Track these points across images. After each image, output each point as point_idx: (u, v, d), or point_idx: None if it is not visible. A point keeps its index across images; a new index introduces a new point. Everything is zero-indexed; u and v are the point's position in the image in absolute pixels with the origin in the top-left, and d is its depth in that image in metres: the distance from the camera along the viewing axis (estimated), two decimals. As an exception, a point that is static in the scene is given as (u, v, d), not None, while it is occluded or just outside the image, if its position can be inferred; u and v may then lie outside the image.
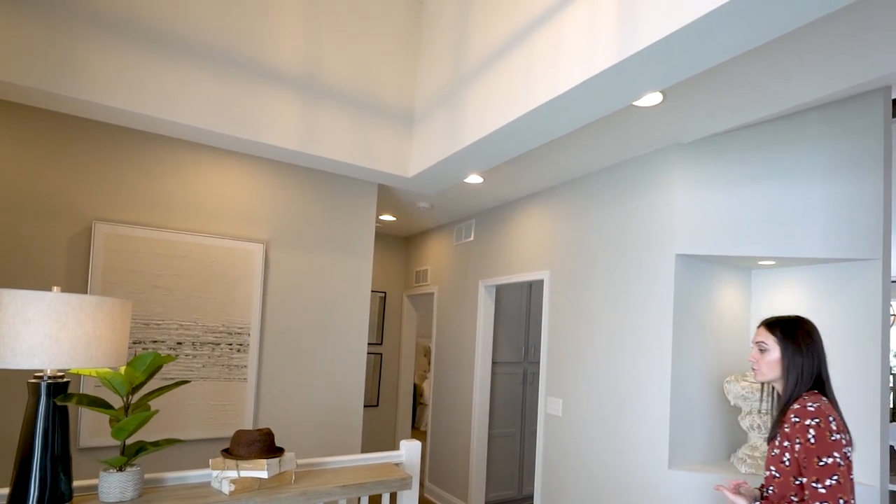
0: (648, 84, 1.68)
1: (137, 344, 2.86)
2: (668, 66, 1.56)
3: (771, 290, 3.02)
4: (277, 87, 2.34)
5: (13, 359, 1.60)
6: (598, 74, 1.61)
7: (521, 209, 4.04)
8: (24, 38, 1.86)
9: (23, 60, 1.86)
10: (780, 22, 1.33)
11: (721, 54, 1.51)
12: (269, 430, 1.99)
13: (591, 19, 1.67)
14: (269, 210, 3.18)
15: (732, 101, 2.29)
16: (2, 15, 1.82)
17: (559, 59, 1.78)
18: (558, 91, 1.76)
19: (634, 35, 1.51)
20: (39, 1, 1.87)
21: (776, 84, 2.12)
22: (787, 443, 1.64)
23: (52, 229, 2.59)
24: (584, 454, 3.23)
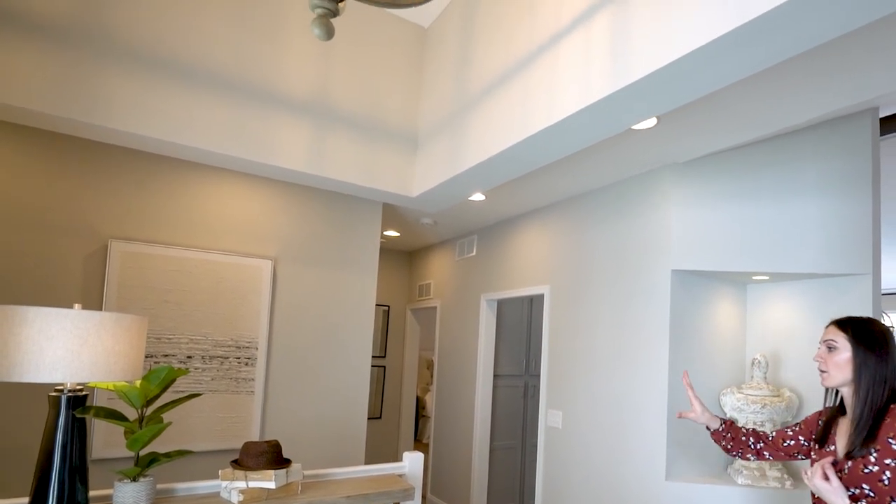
0: (641, 113, 1.76)
1: (150, 358, 2.93)
2: (659, 97, 1.64)
3: (766, 303, 3.08)
4: (287, 112, 2.43)
5: (37, 373, 1.67)
6: (593, 104, 1.69)
7: (522, 225, 4.12)
8: (50, 70, 1.96)
9: (49, 91, 1.96)
10: (772, 54, 1.38)
11: (712, 85, 1.58)
12: (277, 442, 2.05)
13: (586, 51, 1.75)
14: (277, 227, 3.27)
15: (725, 123, 2.37)
16: (31, 50, 1.92)
17: (555, 88, 1.87)
18: (554, 119, 1.84)
19: (627, 67, 1.59)
20: (64, 36, 1.97)
21: (767, 108, 2.20)
22: (889, 460, 1.46)
23: (70, 247, 2.68)
24: (584, 466, 3.27)
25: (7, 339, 1.67)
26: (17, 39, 1.90)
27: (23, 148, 2.56)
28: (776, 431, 1.91)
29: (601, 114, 1.77)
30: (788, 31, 1.27)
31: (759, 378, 2.82)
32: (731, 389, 2.83)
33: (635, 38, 1.57)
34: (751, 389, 2.78)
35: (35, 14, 1.92)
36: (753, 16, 1.22)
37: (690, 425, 2.85)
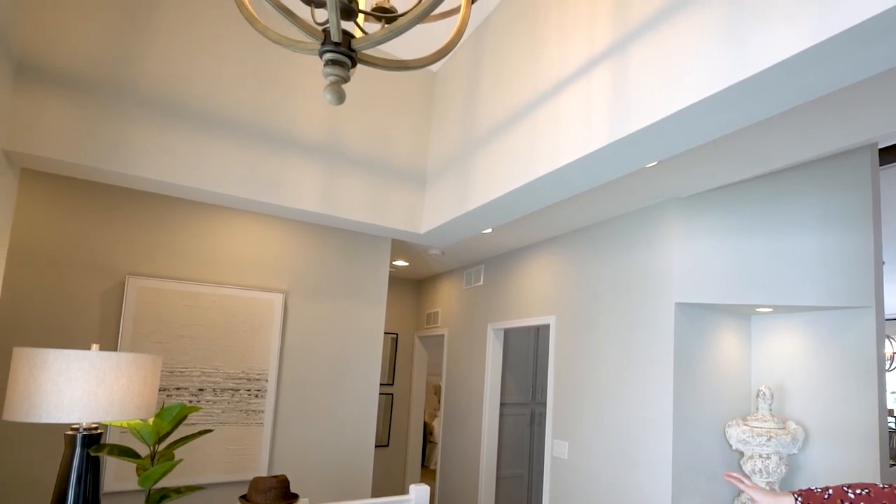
0: (639, 161, 1.81)
1: (162, 391, 2.95)
2: (656, 147, 1.69)
3: (770, 335, 3.07)
4: (299, 154, 2.50)
5: (56, 413, 1.71)
6: (592, 153, 1.75)
7: (528, 256, 4.15)
8: (72, 121, 2.05)
9: (71, 140, 2.04)
10: (769, 107, 1.42)
11: (708, 136, 1.62)
12: (285, 477, 2.07)
13: (587, 102, 1.81)
14: (288, 262, 3.32)
15: (726, 161, 2.41)
16: (54, 103, 2.01)
17: (558, 136, 1.92)
18: (557, 165, 1.89)
19: (625, 119, 1.64)
20: (85, 88, 2.06)
21: (768, 146, 2.23)
22: None
23: (89, 283, 2.74)
24: (590, 498, 3.23)
25: (28, 381, 1.71)
26: (42, 93, 1.99)
27: (45, 193, 2.65)
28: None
29: (600, 162, 1.82)
30: (787, 86, 1.31)
31: (764, 410, 2.79)
32: (736, 421, 2.81)
33: (633, 91, 1.62)
34: (756, 421, 2.76)
35: (59, 68, 2.02)
36: (752, 73, 1.26)
37: (695, 458, 2.83)
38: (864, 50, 1.14)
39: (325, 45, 0.99)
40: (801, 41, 1.14)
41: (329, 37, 0.99)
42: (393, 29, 0.96)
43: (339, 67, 1.00)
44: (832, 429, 2.74)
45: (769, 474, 2.69)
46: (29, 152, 1.96)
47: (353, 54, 1.00)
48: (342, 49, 0.98)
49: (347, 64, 1.01)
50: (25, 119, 1.96)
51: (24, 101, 1.96)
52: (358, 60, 1.02)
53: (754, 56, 1.26)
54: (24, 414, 1.70)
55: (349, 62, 1.01)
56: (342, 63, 1.00)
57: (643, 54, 1.59)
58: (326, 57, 1.00)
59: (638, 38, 1.61)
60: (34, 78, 1.98)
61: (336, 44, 0.98)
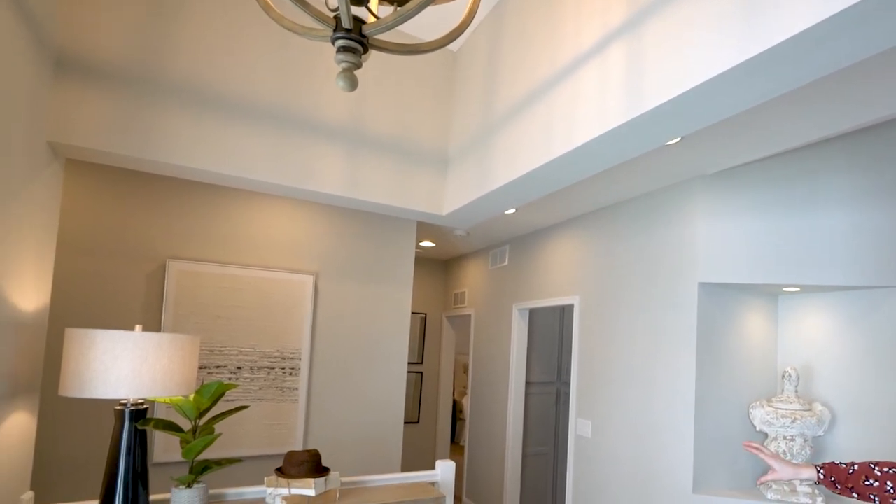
0: (657, 139, 1.76)
1: (203, 369, 3.07)
2: (673, 125, 1.64)
3: (798, 315, 2.98)
4: (325, 139, 2.53)
5: (104, 390, 1.81)
6: (609, 132, 1.71)
7: (553, 236, 4.11)
8: (110, 112, 2.12)
9: (109, 130, 2.12)
10: (792, 80, 1.36)
11: (729, 111, 1.57)
12: (317, 452, 2.14)
13: (603, 79, 1.77)
14: (318, 245, 3.40)
15: (752, 137, 2.33)
16: (94, 94, 2.08)
17: (575, 115, 1.89)
18: (574, 144, 1.86)
19: (641, 96, 1.60)
20: (122, 80, 2.13)
21: (795, 121, 2.14)
22: None
23: (133, 267, 2.87)
24: (612, 477, 3.23)
25: (79, 360, 1.81)
26: (80, 85, 2.07)
27: (89, 183, 2.77)
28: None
29: (617, 140, 1.78)
30: (810, 58, 1.25)
31: (789, 391, 2.73)
32: (760, 403, 2.75)
33: (649, 68, 1.58)
34: (781, 403, 2.70)
35: (95, 61, 2.08)
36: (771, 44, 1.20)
37: (717, 438, 2.79)
38: (892, 15, 1.07)
39: (337, 31, 1.00)
40: (826, 8, 1.09)
41: (340, 23, 0.99)
42: (402, 13, 0.96)
43: (350, 54, 1.00)
44: (860, 410, 2.66)
45: (793, 456, 2.64)
46: (70, 143, 2.04)
47: (364, 40, 1.00)
48: (353, 35, 0.99)
49: (359, 50, 1.01)
50: (66, 111, 2.04)
51: (64, 93, 2.04)
52: (370, 46, 1.02)
53: (774, 27, 1.20)
54: (76, 390, 1.80)
55: (361, 48, 1.01)
56: (354, 49, 1.01)
57: (659, 28, 1.54)
58: (338, 44, 1.00)
59: (654, 12, 1.56)
60: (72, 71, 2.05)
61: (347, 30, 0.98)
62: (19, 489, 2.01)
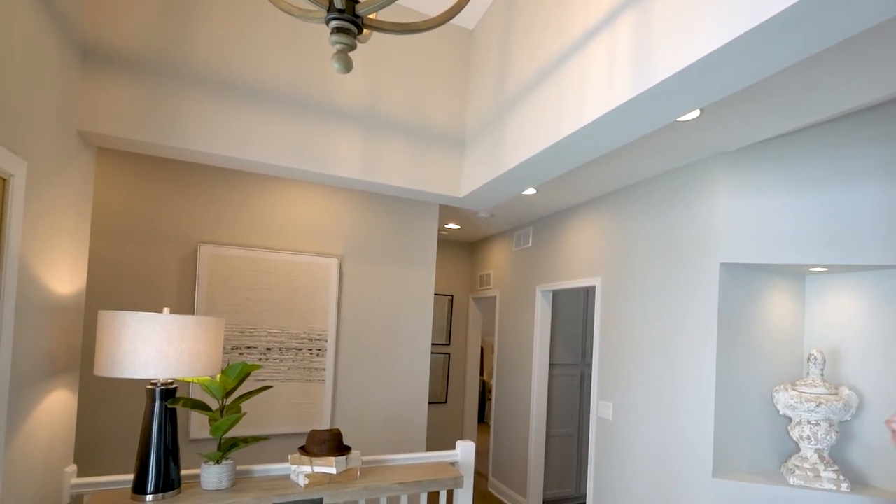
0: (667, 114, 1.69)
1: (235, 349, 3.13)
2: (683, 99, 1.57)
3: (826, 296, 2.84)
4: (343, 124, 2.53)
5: (134, 370, 1.87)
6: (617, 108, 1.64)
7: (574, 217, 4.02)
8: (137, 101, 2.16)
9: (137, 119, 2.16)
10: (810, 44, 1.27)
11: (740, 82, 1.49)
12: (338, 431, 2.17)
13: (611, 54, 1.70)
14: (343, 228, 3.42)
15: (775, 109, 2.20)
16: (121, 84, 2.12)
17: (583, 92, 1.83)
18: (582, 123, 1.80)
19: (648, 71, 1.52)
20: (148, 70, 2.16)
21: (820, 91, 2.01)
22: None
23: (166, 251, 2.95)
24: (633, 459, 3.19)
25: (110, 341, 1.87)
26: (107, 75, 2.11)
27: (121, 170, 2.84)
28: None
29: (627, 116, 1.72)
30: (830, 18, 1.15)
31: (815, 375, 2.61)
32: (784, 386, 2.64)
33: (656, 41, 1.51)
34: (805, 387, 2.58)
35: (120, 50, 2.12)
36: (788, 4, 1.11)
37: (739, 422, 2.69)
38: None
39: (331, 12, 0.97)
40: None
41: (334, 4, 0.96)
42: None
43: (344, 35, 0.98)
44: (890, 395, 2.53)
45: (818, 441, 2.53)
46: (98, 132, 2.10)
47: (358, 20, 0.97)
48: (346, 16, 0.95)
49: (353, 31, 0.98)
50: (94, 101, 2.09)
51: (91, 84, 2.08)
52: (364, 26, 0.99)
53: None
54: (108, 370, 1.87)
55: (355, 29, 0.98)
56: (348, 30, 0.98)
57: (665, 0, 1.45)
58: (332, 25, 0.98)
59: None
60: (98, 62, 2.10)
61: (340, 10, 0.95)
62: (63, 462, 2.11)
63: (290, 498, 1.99)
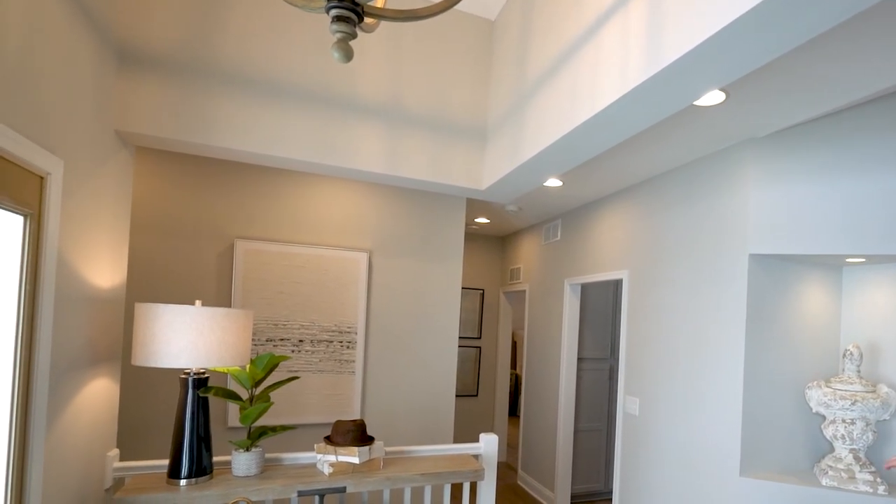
0: (683, 97, 1.62)
1: (269, 342, 3.19)
2: (696, 79, 1.50)
3: (865, 288, 2.66)
4: (366, 119, 2.53)
5: (167, 360, 1.92)
6: (630, 91, 1.58)
7: (602, 209, 3.91)
8: (169, 100, 2.22)
9: (170, 118, 2.22)
10: (815, 23, 1.18)
11: (757, 60, 1.40)
12: (362, 421, 2.17)
13: (623, 39, 1.63)
14: (372, 223, 3.43)
15: (806, 91, 2.07)
16: (154, 84, 2.18)
17: (597, 78, 1.77)
18: (596, 109, 1.75)
19: (660, 51, 1.46)
20: (179, 69, 2.21)
21: (854, 69, 1.86)
22: None
23: (205, 247, 3.03)
24: (659, 455, 3.08)
25: (145, 332, 1.93)
26: (141, 75, 2.17)
27: (159, 168, 2.93)
28: None
29: (641, 100, 1.66)
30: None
31: (850, 371, 2.44)
32: (817, 383, 2.49)
33: (668, 21, 1.43)
34: (840, 384, 2.42)
35: (152, 51, 2.18)
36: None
37: (768, 419, 2.54)
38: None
39: (330, 1, 0.94)
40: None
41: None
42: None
43: (344, 24, 0.95)
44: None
45: (853, 441, 2.37)
46: (134, 131, 2.16)
47: (358, 8, 0.94)
48: (346, 4, 0.93)
49: (353, 20, 0.96)
50: (129, 101, 2.16)
51: (126, 84, 2.15)
52: (364, 14, 0.96)
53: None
54: (143, 359, 1.93)
55: (355, 17, 0.96)
56: (348, 18, 0.95)
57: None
58: (332, 13, 0.95)
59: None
60: (132, 63, 2.16)
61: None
62: (106, 447, 2.19)
63: (314, 486, 2.01)
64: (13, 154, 1.33)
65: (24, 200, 1.41)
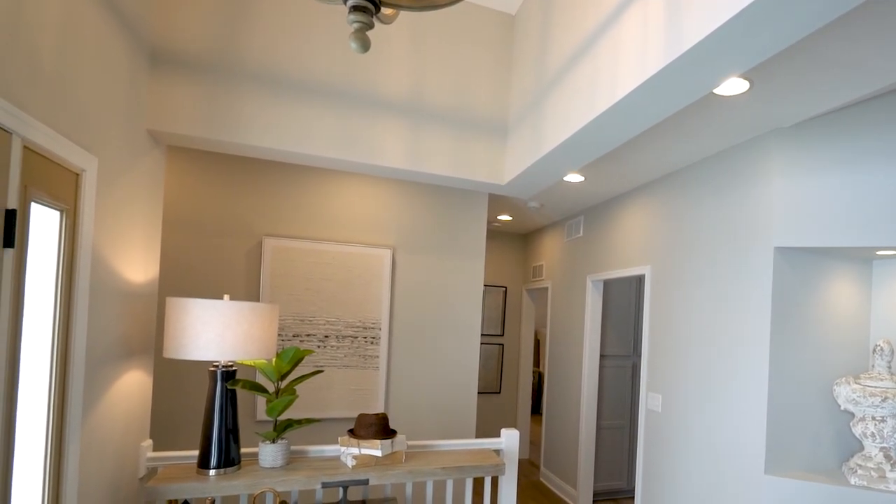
0: (704, 84, 1.57)
1: (296, 337, 3.22)
2: (715, 64, 1.46)
3: (895, 282, 2.51)
4: (388, 115, 2.53)
5: (196, 352, 1.96)
6: (650, 79, 1.55)
7: (624, 205, 3.84)
8: (200, 100, 2.26)
9: (201, 117, 2.26)
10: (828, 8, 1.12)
11: (776, 44, 1.35)
12: (385, 415, 2.17)
13: (643, 27, 1.59)
14: (395, 220, 3.44)
15: (835, 78, 1.98)
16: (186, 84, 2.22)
17: (616, 67, 1.74)
18: (616, 98, 1.71)
19: (679, 37, 1.42)
20: (209, 70, 2.25)
21: (886, 54, 1.75)
22: None
23: (234, 244, 3.08)
24: (682, 453, 3.00)
25: (176, 325, 1.97)
26: (172, 75, 2.22)
27: (189, 167, 2.99)
28: None
29: (660, 88, 1.62)
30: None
31: (881, 367, 2.34)
32: (846, 379, 2.38)
33: (684, 9, 1.37)
34: (870, 380, 2.32)
35: (182, 51, 2.23)
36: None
37: (794, 417, 2.44)
38: None
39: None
40: None
41: (350, -17, 0.93)
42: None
43: (361, 13, 0.95)
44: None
45: (884, 439, 2.26)
46: (165, 130, 2.21)
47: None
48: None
49: (371, 10, 0.95)
50: (161, 101, 2.20)
51: (158, 84, 2.20)
52: (381, 3, 0.95)
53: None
54: (174, 352, 1.97)
55: (372, 7, 0.95)
56: (365, 8, 0.94)
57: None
58: (349, 3, 0.94)
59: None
60: (164, 64, 2.21)
61: (357, -11, 0.92)
62: (140, 437, 2.25)
63: (338, 478, 2.01)
64: (51, 151, 1.36)
65: (61, 196, 1.45)
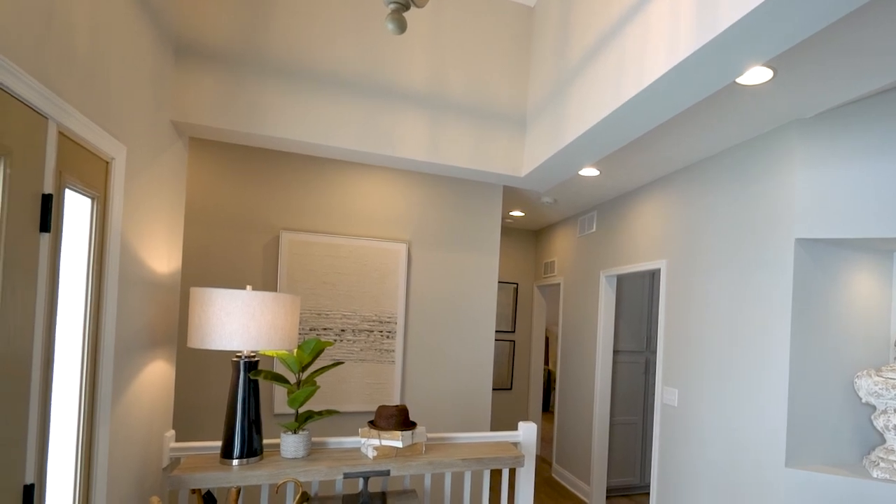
0: (730, 70, 1.54)
1: (313, 331, 3.21)
2: (746, 50, 1.42)
3: None
4: (408, 107, 2.51)
5: (220, 342, 1.95)
6: (680, 64, 1.52)
7: (639, 199, 3.79)
8: (223, 92, 2.25)
9: (223, 109, 2.25)
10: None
11: (816, 23, 1.31)
12: (405, 407, 2.15)
13: (673, 10, 1.54)
14: (411, 214, 3.42)
15: (858, 66, 1.93)
16: (208, 76, 2.21)
17: (645, 52, 1.71)
18: (643, 85, 1.68)
19: (714, 19, 1.39)
20: (231, 61, 2.25)
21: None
22: None
23: (252, 237, 3.07)
24: (699, 447, 2.95)
25: (200, 315, 1.96)
26: (195, 67, 2.21)
27: (209, 160, 2.99)
28: None
29: (690, 73, 1.59)
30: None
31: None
32: (867, 372, 2.34)
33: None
34: (892, 372, 2.29)
35: (205, 44, 2.22)
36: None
37: (815, 409, 2.40)
38: None
39: (387, -27, 0.92)
40: None
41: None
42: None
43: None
44: None
45: None
46: (188, 121, 2.20)
47: (413, -21, 0.91)
48: (402, -25, 0.90)
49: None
50: (184, 93, 2.20)
51: (181, 76, 2.20)
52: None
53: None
54: (199, 341, 1.96)
55: (410, -12, 0.93)
56: (403, -10, 0.92)
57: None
58: (388, -15, 0.92)
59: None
60: (187, 56, 2.20)
61: (396, -30, 0.90)
62: (163, 427, 2.24)
63: (359, 469, 2.00)
64: (83, 138, 1.35)
65: (92, 183, 1.44)
